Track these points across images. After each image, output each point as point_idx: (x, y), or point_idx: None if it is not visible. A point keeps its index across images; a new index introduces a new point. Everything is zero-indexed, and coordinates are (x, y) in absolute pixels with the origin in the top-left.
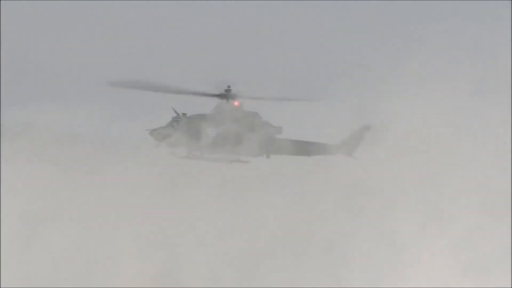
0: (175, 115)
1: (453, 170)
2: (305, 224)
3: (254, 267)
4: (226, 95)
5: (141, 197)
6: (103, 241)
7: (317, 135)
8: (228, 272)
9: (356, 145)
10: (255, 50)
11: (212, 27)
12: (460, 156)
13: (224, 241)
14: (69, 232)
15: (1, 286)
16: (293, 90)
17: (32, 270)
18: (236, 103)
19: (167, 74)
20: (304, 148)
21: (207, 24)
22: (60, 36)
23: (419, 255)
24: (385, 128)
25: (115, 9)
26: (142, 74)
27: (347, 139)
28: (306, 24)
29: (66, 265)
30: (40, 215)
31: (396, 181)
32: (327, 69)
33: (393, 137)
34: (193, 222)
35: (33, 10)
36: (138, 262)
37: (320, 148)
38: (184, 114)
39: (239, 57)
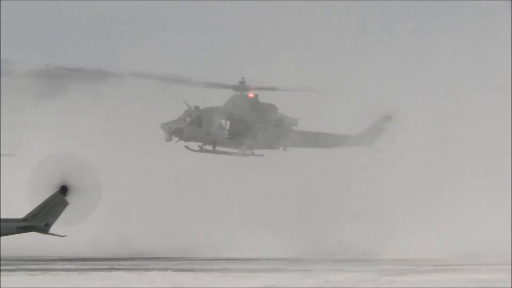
0: (187, 108)
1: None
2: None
3: None
4: (240, 86)
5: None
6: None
7: (335, 126)
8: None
9: (377, 136)
10: (271, 40)
11: (226, 16)
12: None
13: None
14: None
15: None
16: (310, 81)
17: None
18: (250, 95)
19: (179, 66)
20: (322, 140)
21: (220, 13)
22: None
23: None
24: (406, 117)
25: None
26: (153, 65)
27: (367, 129)
28: (323, 13)
29: None
30: None
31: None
32: (345, 59)
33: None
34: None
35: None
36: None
37: (339, 140)
38: (196, 107)
39: (254, 48)
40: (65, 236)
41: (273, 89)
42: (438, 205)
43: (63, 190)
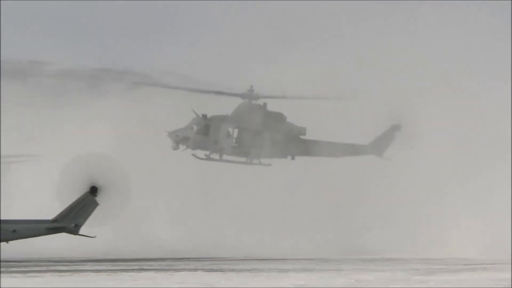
0: (194, 116)
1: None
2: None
3: None
4: (248, 95)
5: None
6: None
7: (345, 135)
8: None
9: (386, 146)
10: (280, 48)
11: (235, 23)
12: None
13: None
14: None
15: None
16: (319, 89)
17: None
18: (259, 103)
19: (188, 73)
20: (331, 149)
21: (230, 21)
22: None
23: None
24: (416, 127)
25: (139, 7)
26: (163, 72)
27: (377, 139)
28: (332, 21)
29: None
30: None
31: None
32: (356, 67)
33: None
34: None
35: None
36: None
37: (348, 149)
38: (204, 115)
39: (263, 55)
40: (95, 237)
41: (282, 97)
42: (465, 205)
43: (93, 190)
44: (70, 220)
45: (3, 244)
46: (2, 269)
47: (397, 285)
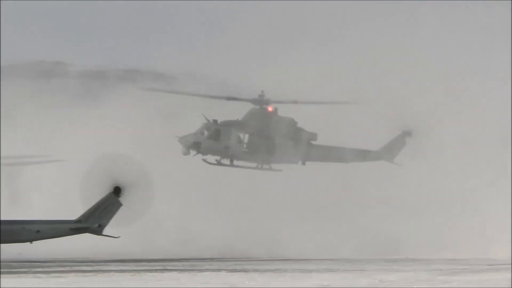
0: (205, 121)
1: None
2: None
3: None
4: (259, 100)
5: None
6: None
7: (355, 141)
8: None
9: (397, 151)
10: (290, 53)
11: (244, 29)
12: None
13: None
14: None
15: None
16: (330, 94)
17: None
18: (270, 109)
19: (198, 78)
20: (341, 154)
21: (239, 26)
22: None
23: None
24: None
25: (144, 10)
26: (173, 77)
27: (388, 145)
28: (343, 27)
29: None
30: None
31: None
32: (366, 71)
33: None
34: None
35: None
36: None
37: (359, 155)
38: (215, 121)
39: (273, 60)
40: (118, 237)
41: (293, 102)
42: (488, 205)
43: (117, 191)
44: (94, 220)
45: (27, 244)
46: (25, 269)
47: (420, 285)
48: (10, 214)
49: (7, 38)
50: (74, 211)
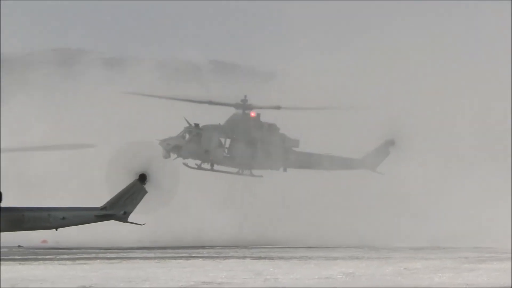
0: (187, 125)
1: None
2: None
3: None
4: (242, 105)
5: None
6: None
7: (338, 148)
8: None
9: (380, 160)
10: (274, 58)
11: (229, 31)
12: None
13: None
14: None
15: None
16: (314, 100)
17: None
18: (252, 114)
19: (179, 81)
20: (324, 162)
21: (225, 30)
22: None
23: None
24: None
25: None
26: (154, 80)
27: (371, 153)
28: (327, 31)
29: None
30: None
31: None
32: (350, 78)
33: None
34: None
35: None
36: None
37: (341, 162)
38: (196, 125)
39: (257, 64)
40: (144, 224)
41: (276, 107)
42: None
43: (142, 178)
44: (119, 207)
45: (52, 231)
46: (51, 256)
47: (446, 273)
48: (35, 201)
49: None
50: (99, 199)
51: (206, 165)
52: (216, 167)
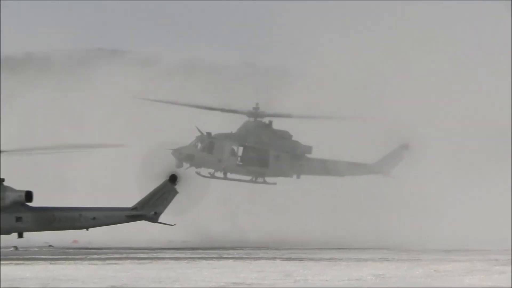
0: (199, 134)
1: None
2: None
3: None
4: (254, 112)
5: None
6: None
7: (351, 154)
8: None
9: (394, 165)
10: (286, 66)
11: (241, 40)
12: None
13: None
14: None
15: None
16: (325, 107)
17: None
18: (265, 121)
19: (193, 90)
20: (337, 168)
21: (234, 38)
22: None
23: None
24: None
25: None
26: (167, 88)
27: (384, 158)
28: (338, 38)
29: None
30: None
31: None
32: (363, 84)
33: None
34: None
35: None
36: None
37: (354, 168)
38: (208, 133)
39: (268, 73)
40: (174, 225)
41: (287, 116)
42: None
43: (173, 179)
44: (150, 208)
45: (83, 231)
46: (82, 256)
47: (476, 275)
48: (66, 201)
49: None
50: (130, 199)
51: (219, 174)
52: (229, 175)
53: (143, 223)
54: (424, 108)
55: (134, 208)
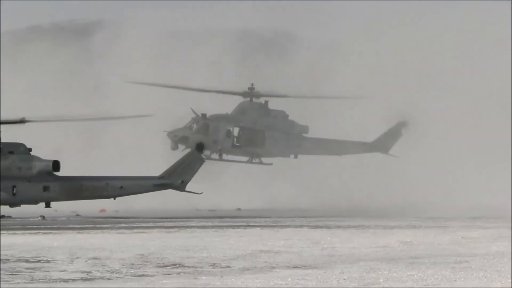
0: (193, 115)
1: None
2: None
3: None
4: (249, 93)
5: None
6: None
7: (349, 133)
8: None
9: (392, 143)
10: (282, 47)
11: (237, 20)
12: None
13: None
14: None
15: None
16: (322, 86)
17: None
18: (260, 101)
19: (187, 71)
20: (334, 147)
21: (230, 20)
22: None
23: None
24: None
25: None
26: (162, 71)
27: (382, 136)
28: (336, 17)
29: None
30: None
31: None
32: (359, 63)
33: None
34: None
35: None
36: None
37: (352, 147)
38: (203, 115)
39: (264, 53)
40: (201, 193)
41: (283, 96)
42: None
43: (199, 147)
44: (177, 176)
45: (110, 200)
46: (109, 225)
47: (503, 242)
48: (93, 170)
49: None
50: (157, 168)
51: (215, 155)
52: (225, 156)
53: (170, 191)
54: (422, 85)
55: (161, 177)
